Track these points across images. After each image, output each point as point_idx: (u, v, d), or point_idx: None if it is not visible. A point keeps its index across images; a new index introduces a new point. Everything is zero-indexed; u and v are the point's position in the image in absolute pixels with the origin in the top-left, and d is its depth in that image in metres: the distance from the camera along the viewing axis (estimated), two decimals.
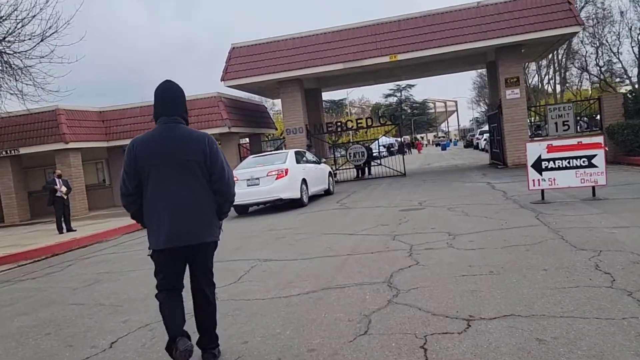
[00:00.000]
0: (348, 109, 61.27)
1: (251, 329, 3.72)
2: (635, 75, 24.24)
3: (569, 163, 7.96)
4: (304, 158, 12.82)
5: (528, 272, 4.33)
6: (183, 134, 3.08)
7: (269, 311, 4.09)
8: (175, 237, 2.97)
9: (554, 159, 8.03)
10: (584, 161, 7.89)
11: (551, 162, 8.04)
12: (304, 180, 11.76)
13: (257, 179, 11.14)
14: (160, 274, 3.08)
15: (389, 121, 20.47)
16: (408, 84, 69.90)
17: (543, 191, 8.15)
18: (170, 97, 3.14)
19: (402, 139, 25.60)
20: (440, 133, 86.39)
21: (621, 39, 24.59)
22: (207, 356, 3.19)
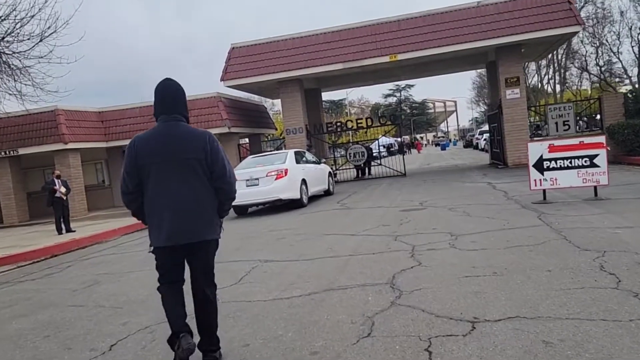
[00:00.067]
0: (347, 109, 61.22)
1: (253, 331, 3.67)
2: (636, 75, 24.23)
3: (570, 163, 7.93)
4: (303, 158, 12.77)
5: (532, 273, 4.29)
6: (183, 132, 3.08)
7: (271, 313, 4.05)
8: (176, 235, 2.97)
9: (555, 159, 8.00)
10: (586, 161, 7.85)
11: (553, 162, 8.00)
12: (303, 181, 11.72)
13: (257, 179, 11.09)
14: (162, 269, 3.12)
15: (389, 121, 20.44)
16: (407, 84, 69.90)
17: (545, 191, 8.12)
18: (171, 95, 3.14)
19: (402, 139, 25.50)
20: (439, 133, 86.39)
21: (621, 39, 24.62)
22: (208, 359, 3.14)
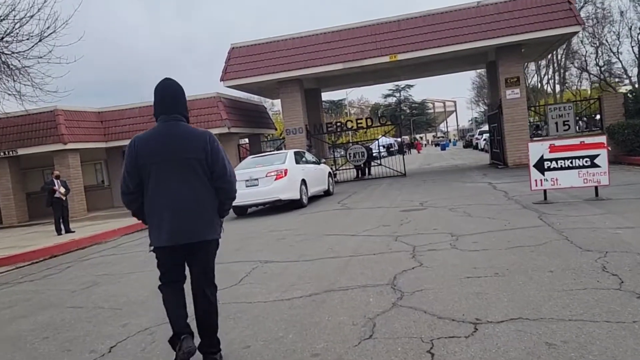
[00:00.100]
0: (347, 109, 61.20)
1: (253, 333, 3.65)
2: (635, 75, 24.22)
3: (571, 163, 7.91)
4: (303, 158, 12.74)
5: (534, 274, 4.27)
6: (183, 132, 3.08)
7: (271, 314, 4.02)
8: (176, 235, 2.97)
9: (556, 159, 7.98)
10: (587, 161, 7.83)
11: (553, 162, 7.98)
12: (303, 181, 11.68)
13: (256, 179, 11.05)
14: (162, 268, 3.14)
15: (389, 121, 20.42)
16: (407, 84, 69.89)
17: (545, 191, 8.10)
18: (170, 95, 3.13)
19: (402, 139, 25.48)
20: (439, 133, 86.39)
21: (621, 39, 24.62)
22: None
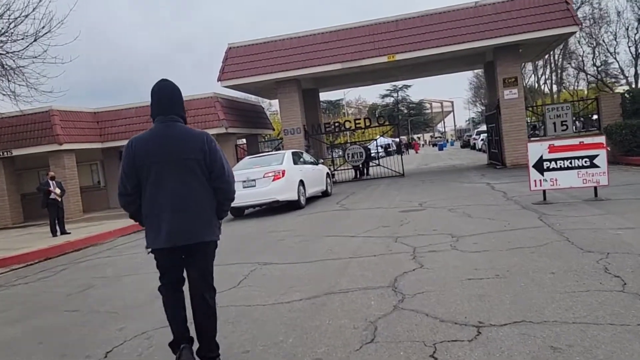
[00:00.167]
0: (345, 110, 61.17)
1: (252, 337, 3.59)
2: (632, 75, 24.30)
3: (570, 163, 7.88)
4: (301, 159, 12.67)
5: (536, 276, 4.23)
6: (181, 133, 3.07)
7: (271, 318, 3.97)
8: (174, 237, 2.94)
9: (555, 159, 7.95)
10: (586, 161, 7.81)
11: (553, 163, 7.96)
12: (301, 182, 11.60)
13: (254, 180, 10.96)
14: (161, 269, 3.13)
15: (387, 122, 20.39)
16: (404, 84, 69.88)
17: (545, 192, 8.07)
18: (167, 96, 3.12)
19: (400, 139, 25.46)
20: (436, 133, 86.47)
21: (618, 39, 24.65)
22: None
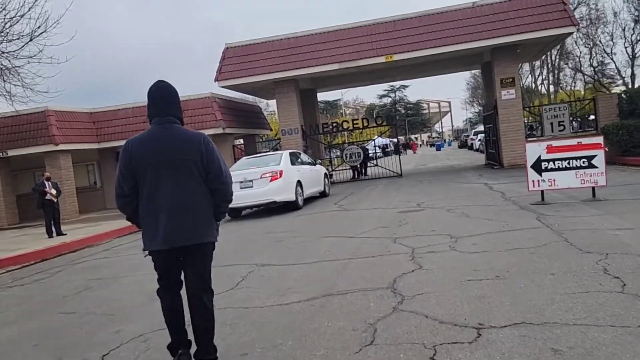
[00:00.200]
0: (343, 110, 61.17)
1: (251, 340, 3.56)
2: (629, 76, 24.39)
3: (568, 164, 7.88)
4: (298, 159, 12.62)
5: (535, 277, 4.21)
6: (178, 134, 3.06)
7: (269, 320, 3.93)
8: (172, 238, 2.94)
9: (553, 160, 7.94)
10: (584, 162, 7.81)
11: (551, 163, 7.95)
12: (299, 182, 11.56)
13: (251, 181, 10.91)
14: (159, 271, 3.13)
15: (385, 122, 20.39)
16: (402, 85, 70.03)
17: (543, 192, 8.07)
18: (163, 98, 3.11)
19: (398, 140, 25.47)
20: (434, 134, 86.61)
21: (614, 40, 24.72)
22: None
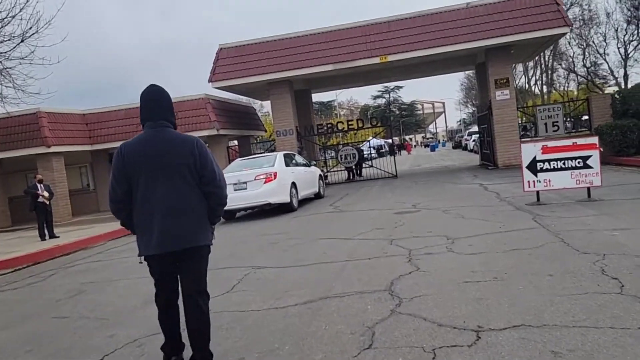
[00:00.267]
0: (337, 111, 61.17)
1: (247, 344, 3.51)
2: (622, 77, 24.57)
3: (564, 164, 7.89)
4: (293, 161, 12.56)
5: (533, 278, 4.19)
6: (171, 138, 3.04)
7: (266, 323, 3.88)
8: (166, 242, 2.92)
9: (549, 160, 7.95)
10: (579, 162, 7.83)
11: (546, 164, 7.96)
12: (293, 184, 11.48)
13: (245, 183, 10.82)
14: (155, 276, 3.12)
15: (380, 123, 20.39)
16: (396, 85, 70.11)
17: (538, 192, 8.08)
18: (156, 101, 3.10)
19: (392, 140, 25.48)
20: (428, 134, 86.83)
21: (607, 40, 24.86)
22: None
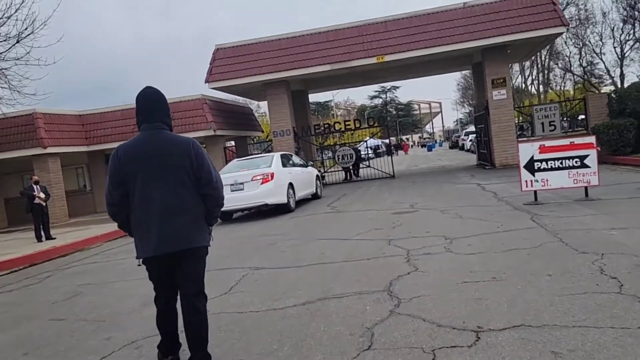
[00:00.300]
0: (334, 111, 61.17)
1: (246, 346, 3.48)
2: (618, 76, 24.66)
3: (561, 164, 7.90)
4: (290, 161, 12.53)
5: (532, 278, 4.19)
6: (167, 140, 3.04)
7: (264, 325, 3.86)
8: (163, 244, 2.92)
9: (546, 160, 7.96)
10: (577, 161, 7.84)
11: (544, 163, 7.97)
12: (290, 185, 11.45)
13: (242, 183, 10.78)
14: (153, 279, 3.12)
15: (377, 123, 20.38)
16: (393, 86, 70.21)
17: (536, 192, 8.08)
18: (151, 104, 3.10)
19: (390, 141, 25.49)
20: (425, 134, 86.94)
21: (603, 40, 24.97)
22: None
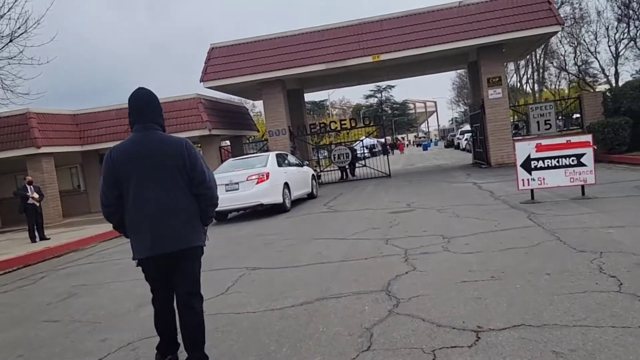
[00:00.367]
0: (330, 110, 61.14)
1: (244, 347, 3.45)
2: (613, 75, 24.80)
3: (558, 162, 7.91)
4: (285, 161, 12.47)
5: (531, 277, 4.17)
6: (160, 140, 3.04)
7: (262, 326, 3.82)
8: (159, 245, 2.91)
9: (543, 158, 7.97)
10: (573, 160, 7.85)
11: (540, 162, 7.98)
12: (286, 184, 11.38)
13: (237, 183, 10.70)
14: (149, 280, 3.12)
15: (372, 122, 20.37)
16: (388, 85, 70.21)
17: (532, 191, 8.09)
18: (144, 104, 3.10)
19: (386, 140, 25.48)
20: (420, 133, 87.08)
21: (598, 39, 25.08)
22: None
